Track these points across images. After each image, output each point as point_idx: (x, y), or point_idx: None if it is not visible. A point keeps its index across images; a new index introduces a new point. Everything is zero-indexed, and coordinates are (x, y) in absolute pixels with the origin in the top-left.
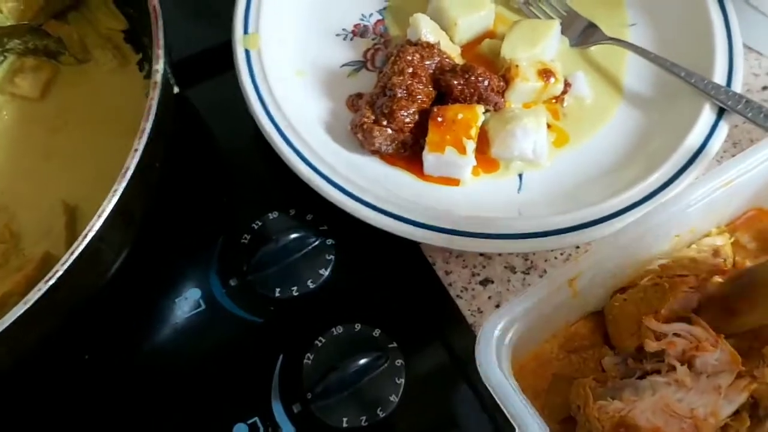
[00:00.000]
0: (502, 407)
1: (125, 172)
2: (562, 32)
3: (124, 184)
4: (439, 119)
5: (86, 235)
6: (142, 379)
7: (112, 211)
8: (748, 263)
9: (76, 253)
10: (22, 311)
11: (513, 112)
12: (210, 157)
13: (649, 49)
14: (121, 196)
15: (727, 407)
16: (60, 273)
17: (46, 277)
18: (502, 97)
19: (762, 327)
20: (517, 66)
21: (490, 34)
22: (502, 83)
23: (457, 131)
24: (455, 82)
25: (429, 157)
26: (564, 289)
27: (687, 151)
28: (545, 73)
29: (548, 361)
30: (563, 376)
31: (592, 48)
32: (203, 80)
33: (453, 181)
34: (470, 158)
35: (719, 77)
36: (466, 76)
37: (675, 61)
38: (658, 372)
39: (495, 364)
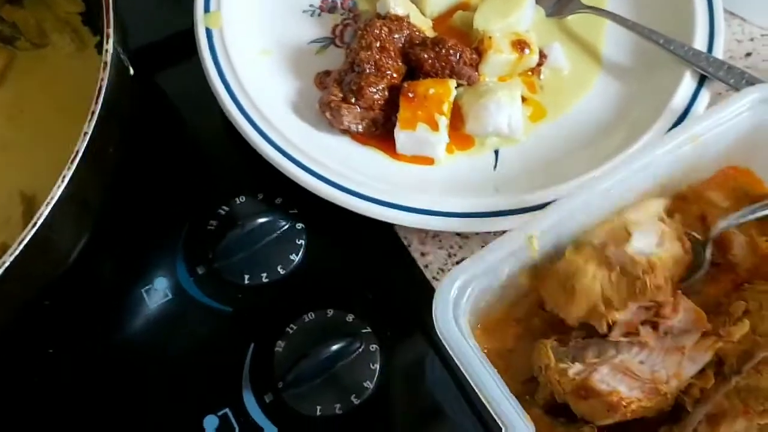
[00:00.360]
0: (458, 364)
1: (74, 157)
2: (537, 2)
3: (73, 170)
4: (410, 95)
5: (35, 224)
6: (109, 371)
7: (61, 197)
8: (721, 222)
9: (24, 243)
10: None
11: (487, 86)
12: (177, 142)
13: (628, 17)
14: (70, 182)
15: (690, 367)
16: (7, 264)
17: None
18: (476, 70)
19: (733, 286)
20: (490, 38)
21: (462, 6)
22: (475, 56)
23: (429, 107)
24: (425, 56)
25: (401, 135)
26: (524, 246)
27: (668, 119)
28: (520, 45)
29: (512, 321)
30: (527, 337)
31: (569, 17)
32: (173, 65)
33: (427, 160)
34: (443, 135)
35: (700, 43)
36: (437, 49)
37: (655, 28)
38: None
39: (452, 322)
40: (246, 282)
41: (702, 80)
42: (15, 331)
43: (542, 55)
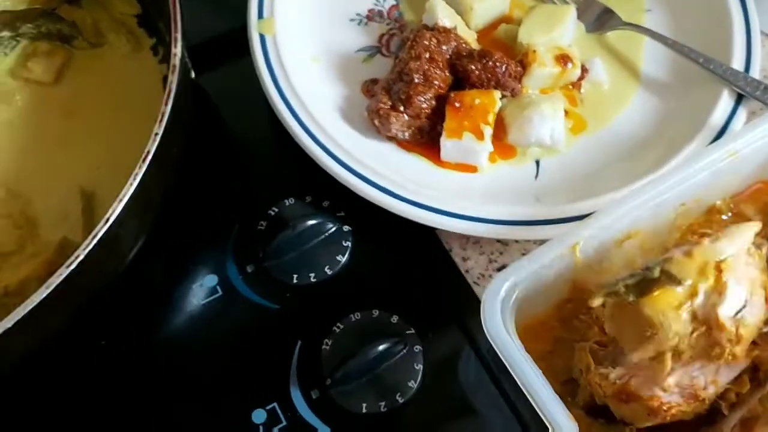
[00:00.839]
0: (506, 364)
1: (145, 156)
2: (578, 17)
3: (144, 169)
4: (457, 105)
5: (107, 220)
6: (160, 364)
7: (132, 196)
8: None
9: (97, 238)
10: (44, 295)
11: (530, 98)
12: (223, 144)
13: (667, 35)
14: (140, 181)
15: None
16: (81, 257)
17: (67, 262)
18: (519, 82)
19: None
20: (534, 51)
21: (506, 19)
22: (519, 68)
23: (475, 117)
24: (472, 68)
25: (447, 143)
26: (568, 253)
27: (707, 136)
28: (563, 59)
29: (552, 324)
30: (566, 339)
31: (609, 34)
32: (214, 67)
33: (470, 168)
34: (488, 144)
35: (737, 63)
36: (484, 61)
37: (693, 47)
38: None
39: (500, 323)
40: (294, 281)
41: (739, 99)
42: (75, 322)
43: (584, 70)
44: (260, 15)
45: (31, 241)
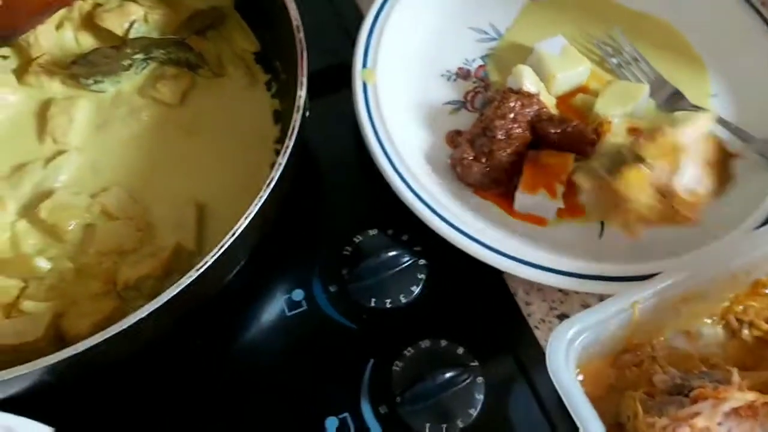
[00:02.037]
0: (566, 403)
1: (269, 182)
2: (651, 95)
3: (267, 192)
4: (534, 163)
5: (234, 233)
6: (246, 366)
7: (255, 214)
8: None
9: (223, 248)
10: (174, 293)
11: None
12: (317, 175)
13: (729, 120)
14: (263, 203)
15: None
16: (209, 263)
17: (197, 266)
18: (593, 149)
19: None
20: (609, 122)
21: (583, 89)
22: (594, 136)
23: (550, 176)
24: (552, 131)
25: (521, 196)
26: (628, 309)
27: (758, 218)
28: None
29: (607, 372)
30: (618, 387)
31: (677, 113)
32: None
33: (540, 220)
34: (559, 201)
35: None
36: (563, 126)
37: (753, 132)
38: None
39: (563, 365)
40: (372, 305)
41: None
42: (183, 321)
43: None
44: (364, 65)
45: (149, 242)
